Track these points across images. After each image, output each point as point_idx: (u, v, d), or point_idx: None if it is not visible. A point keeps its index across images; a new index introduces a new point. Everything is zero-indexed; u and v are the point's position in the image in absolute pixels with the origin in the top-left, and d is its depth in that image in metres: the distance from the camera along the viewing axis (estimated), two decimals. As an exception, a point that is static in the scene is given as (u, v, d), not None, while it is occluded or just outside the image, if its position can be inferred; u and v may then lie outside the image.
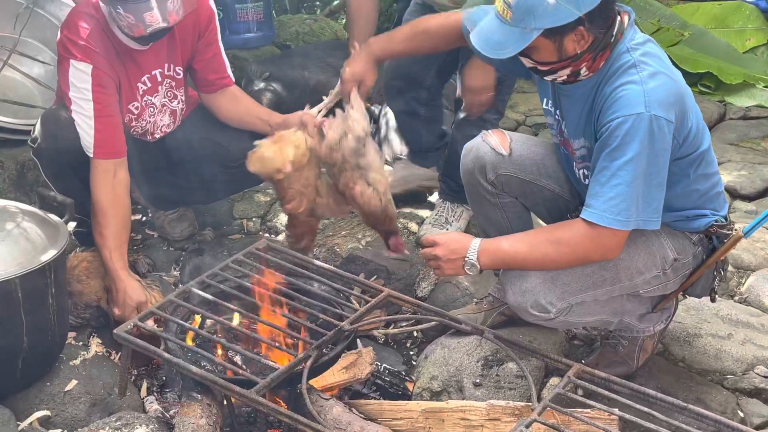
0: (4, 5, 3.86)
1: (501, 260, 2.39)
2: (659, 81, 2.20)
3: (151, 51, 2.95)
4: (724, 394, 2.66)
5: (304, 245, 2.91)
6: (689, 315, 2.96)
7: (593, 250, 2.27)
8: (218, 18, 3.14)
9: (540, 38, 2.17)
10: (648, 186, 2.20)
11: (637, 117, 2.15)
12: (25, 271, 2.39)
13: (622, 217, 2.20)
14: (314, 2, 7.91)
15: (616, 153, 2.19)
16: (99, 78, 2.83)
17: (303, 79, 5.11)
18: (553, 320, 2.39)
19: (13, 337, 2.44)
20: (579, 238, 2.26)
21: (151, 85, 3.01)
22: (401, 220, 3.68)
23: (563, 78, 2.31)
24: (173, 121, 3.18)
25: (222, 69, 3.18)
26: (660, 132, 2.16)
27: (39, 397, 2.54)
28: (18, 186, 3.65)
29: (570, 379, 2.34)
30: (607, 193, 2.20)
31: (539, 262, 2.34)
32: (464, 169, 2.67)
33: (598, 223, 2.22)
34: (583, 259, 2.31)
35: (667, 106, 2.18)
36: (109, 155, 2.87)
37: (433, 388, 2.67)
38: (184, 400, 2.44)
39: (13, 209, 2.63)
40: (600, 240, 2.24)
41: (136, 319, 2.49)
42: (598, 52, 2.25)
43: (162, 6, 2.66)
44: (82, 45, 2.81)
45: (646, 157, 2.17)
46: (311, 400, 2.28)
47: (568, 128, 2.43)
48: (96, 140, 2.84)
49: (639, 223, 2.23)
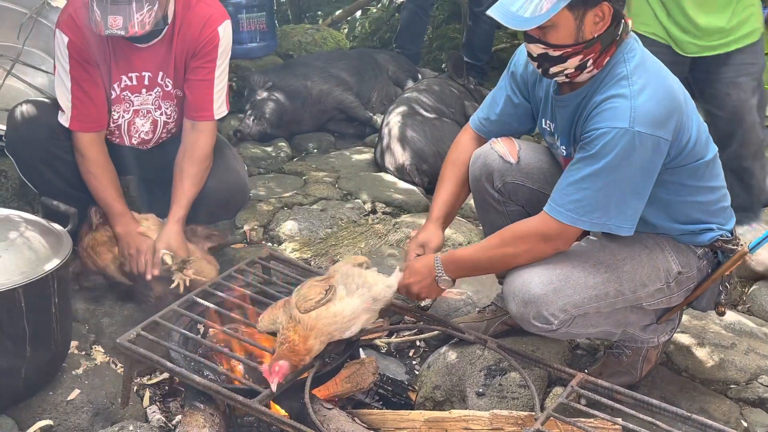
0: (8, 15, 3.88)
1: (465, 267, 2.47)
2: (650, 96, 2.20)
3: (147, 52, 2.95)
4: (727, 403, 2.66)
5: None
6: (693, 324, 2.96)
7: (542, 241, 2.34)
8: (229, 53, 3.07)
9: (564, 11, 2.18)
10: (622, 194, 2.23)
11: (620, 131, 2.17)
12: (29, 281, 2.39)
13: (585, 218, 2.26)
14: (316, 12, 7.95)
15: (591, 160, 2.22)
16: (76, 50, 2.87)
17: (305, 89, 5.14)
18: (555, 331, 2.39)
19: (16, 347, 2.44)
20: (533, 229, 2.35)
21: (136, 84, 3.00)
22: (403, 229, 3.69)
23: (569, 71, 2.30)
24: (153, 129, 3.13)
25: (203, 99, 3.02)
26: (642, 147, 2.18)
27: (42, 406, 2.54)
28: (21, 195, 3.66)
29: (573, 388, 2.34)
30: (572, 194, 2.26)
31: (500, 261, 2.43)
32: (472, 176, 2.67)
33: (555, 218, 2.29)
34: (537, 252, 2.36)
35: (658, 123, 2.19)
36: (86, 128, 2.93)
37: (436, 398, 2.67)
38: (187, 409, 2.44)
39: (16, 218, 2.63)
40: (549, 230, 2.32)
41: (139, 328, 2.49)
42: (606, 45, 2.26)
43: (127, 15, 2.65)
44: (69, 16, 2.87)
45: (622, 168, 2.19)
46: (314, 410, 2.27)
47: (562, 138, 2.43)
48: (74, 111, 2.92)
49: (611, 227, 2.27)
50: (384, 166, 4.58)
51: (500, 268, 2.49)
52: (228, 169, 3.20)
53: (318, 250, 3.59)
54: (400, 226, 3.75)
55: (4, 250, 2.44)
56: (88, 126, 2.95)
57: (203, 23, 2.96)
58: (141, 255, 2.89)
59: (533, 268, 2.36)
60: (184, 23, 2.94)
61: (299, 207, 4.02)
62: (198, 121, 3.04)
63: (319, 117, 5.23)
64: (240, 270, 2.84)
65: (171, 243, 2.89)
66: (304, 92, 5.13)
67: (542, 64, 2.33)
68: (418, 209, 4.15)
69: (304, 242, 3.68)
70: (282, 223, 3.85)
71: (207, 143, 3.04)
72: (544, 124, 2.54)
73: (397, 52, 5.98)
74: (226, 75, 3.08)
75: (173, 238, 2.90)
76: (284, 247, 3.66)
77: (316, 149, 5.07)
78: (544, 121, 2.54)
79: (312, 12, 7.98)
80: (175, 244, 2.89)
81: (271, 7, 5.73)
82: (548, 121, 2.52)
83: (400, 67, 5.62)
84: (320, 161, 4.80)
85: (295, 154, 4.98)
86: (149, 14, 2.69)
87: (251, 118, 4.97)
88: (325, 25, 7.24)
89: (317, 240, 3.71)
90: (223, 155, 3.20)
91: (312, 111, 5.18)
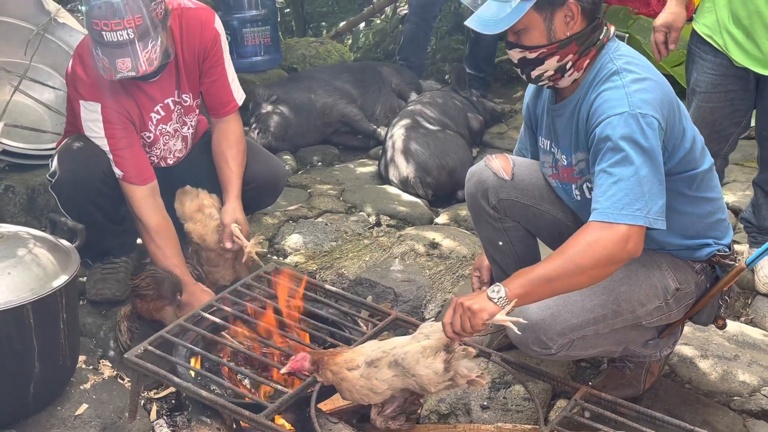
0: (15, 32, 3.92)
1: (527, 282, 2.15)
2: (643, 85, 2.22)
3: (161, 81, 3.01)
4: (731, 415, 2.66)
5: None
6: (696, 336, 2.97)
7: (615, 246, 2.12)
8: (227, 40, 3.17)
9: (531, 12, 2.23)
10: (652, 183, 2.16)
11: (622, 116, 2.17)
12: (37, 297, 2.42)
13: (627, 211, 2.13)
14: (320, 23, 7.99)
15: (609, 153, 2.18)
16: (108, 115, 2.92)
17: (310, 102, 5.17)
18: (554, 355, 2.38)
19: (25, 363, 2.46)
20: (597, 238, 2.13)
21: (164, 114, 3.07)
22: (408, 242, 3.70)
23: (550, 73, 2.33)
24: (185, 146, 3.23)
25: (224, 94, 3.18)
26: (650, 128, 2.16)
27: (50, 421, 2.56)
28: (28, 210, 3.69)
29: (577, 401, 2.35)
30: (607, 191, 2.16)
31: (570, 276, 2.14)
32: (467, 193, 2.70)
33: (607, 221, 2.13)
34: (610, 258, 2.13)
35: (655, 106, 2.19)
36: (135, 181, 2.98)
37: (441, 411, 2.69)
38: (194, 423, 2.46)
39: (24, 235, 2.66)
40: (617, 233, 2.12)
41: (146, 343, 2.51)
42: (584, 48, 2.30)
43: (135, 56, 2.70)
44: (89, 84, 2.90)
45: (641, 153, 2.15)
46: (320, 424, 2.29)
47: (564, 147, 2.45)
48: (120, 171, 2.97)
49: (650, 221, 2.14)
50: (388, 178, 4.60)
51: (571, 285, 2.19)
52: (266, 155, 3.41)
53: (323, 263, 3.61)
54: (404, 239, 3.76)
55: (12, 267, 2.46)
56: (137, 180, 2.99)
57: (200, 26, 3.04)
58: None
59: None
60: (184, 34, 3.01)
61: (304, 220, 4.04)
62: (226, 116, 3.20)
63: (324, 130, 5.26)
64: (246, 284, 2.86)
65: (237, 216, 3.04)
66: (308, 105, 5.16)
67: (524, 69, 2.38)
68: (423, 222, 4.17)
69: (310, 255, 3.70)
70: (287, 236, 3.87)
71: (237, 126, 3.22)
72: (541, 142, 2.57)
73: (401, 64, 6.01)
74: (231, 62, 3.21)
75: (238, 212, 3.05)
76: (289, 260, 3.68)
77: (321, 162, 5.09)
78: (541, 140, 2.57)
79: (316, 23, 8.03)
80: (241, 218, 3.05)
81: (275, 21, 5.75)
82: (544, 139, 2.54)
83: (404, 80, 5.65)
84: (325, 174, 4.82)
85: (299, 167, 5.01)
86: (154, 50, 2.73)
87: (256, 131, 5.00)
88: (329, 37, 7.28)
89: (322, 253, 3.73)
90: (256, 145, 3.42)
91: (316, 124, 5.21)
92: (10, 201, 3.67)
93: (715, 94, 3.22)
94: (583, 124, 2.31)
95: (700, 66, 3.23)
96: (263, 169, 3.29)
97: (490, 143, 5.31)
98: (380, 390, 2.22)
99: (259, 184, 3.26)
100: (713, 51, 3.18)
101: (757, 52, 3.07)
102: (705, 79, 3.23)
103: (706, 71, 3.22)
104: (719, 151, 3.34)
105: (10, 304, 2.37)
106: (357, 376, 2.22)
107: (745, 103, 3.24)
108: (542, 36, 2.28)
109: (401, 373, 2.19)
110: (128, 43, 2.67)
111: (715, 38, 3.15)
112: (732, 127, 3.29)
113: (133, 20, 2.65)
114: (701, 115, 3.26)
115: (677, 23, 3.17)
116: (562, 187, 2.52)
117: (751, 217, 3.48)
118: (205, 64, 3.09)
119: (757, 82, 3.19)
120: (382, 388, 2.21)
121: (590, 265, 2.13)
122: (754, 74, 3.15)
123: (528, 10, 2.22)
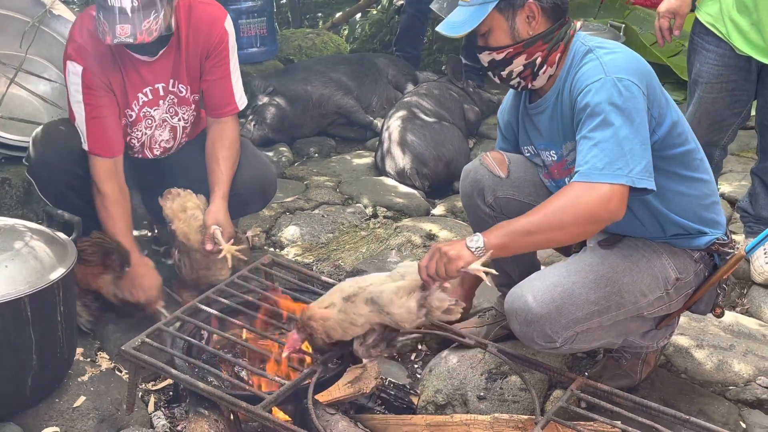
0: (10, 23, 3.90)
1: (505, 233, 2.19)
2: (617, 56, 2.28)
3: (156, 64, 2.99)
4: (726, 405, 2.68)
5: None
6: (692, 326, 2.98)
7: (596, 205, 2.14)
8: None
9: (494, 14, 2.34)
10: (629, 142, 2.16)
11: (598, 82, 2.22)
12: (34, 290, 2.42)
13: (608, 170, 2.14)
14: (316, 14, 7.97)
15: (588, 120, 2.22)
16: (89, 79, 2.90)
17: (306, 93, 5.17)
18: (559, 348, 2.37)
19: (22, 355, 2.47)
20: (579, 197, 2.15)
21: (152, 98, 3.04)
22: (404, 233, 3.71)
23: (519, 70, 2.39)
24: (173, 137, 3.19)
25: (224, 96, 3.13)
26: (627, 91, 2.19)
27: (48, 413, 2.56)
28: (25, 203, 3.69)
29: (573, 392, 2.36)
30: (587, 154, 2.18)
31: (548, 231, 2.18)
32: (463, 192, 2.70)
33: (588, 181, 2.15)
34: (590, 217, 2.16)
35: (631, 72, 2.23)
36: (101, 153, 2.95)
37: (438, 402, 2.70)
38: (192, 415, 2.46)
39: (21, 228, 2.65)
40: (599, 192, 2.14)
41: (143, 335, 2.52)
42: (552, 44, 2.35)
43: (136, 23, 2.69)
44: (78, 45, 2.89)
45: (620, 115, 2.17)
46: (317, 415, 2.30)
47: (551, 142, 2.46)
48: (89, 139, 2.95)
49: (633, 180, 2.15)
50: (385, 170, 4.61)
51: (548, 242, 2.28)
52: (259, 159, 3.36)
53: (320, 255, 3.62)
54: (401, 230, 3.77)
55: (9, 259, 2.46)
56: (103, 152, 2.97)
57: (210, 24, 3.02)
58: (143, 295, 2.96)
59: (535, 287, 2.34)
60: (191, 27, 2.99)
61: (301, 212, 4.05)
62: (223, 117, 3.16)
63: (320, 121, 5.26)
64: (243, 276, 2.87)
65: (219, 218, 2.99)
66: (305, 97, 5.16)
67: (494, 71, 2.45)
68: (419, 213, 4.17)
69: (306, 247, 3.71)
70: (284, 228, 3.87)
71: (233, 129, 3.18)
72: (526, 152, 2.61)
73: (397, 55, 6.01)
74: (237, 66, 3.18)
75: (221, 214, 3.00)
76: (286, 252, 3.69)
77: (317, 154, 5.10)
78: (525, 149, 2.61)
79: (312, 14, 8.01)
80: (223, 219, 3.00)
81: (271, 12, 5.74)
82: (527, 148, 2.58)
83: (400, 71, 5.65)
84: (321, 166, 4.82)
85: (296, 159, 5.01)
86: (155, 22, 2.73)
87: (252, 123, 5.00)
88: (325, 28, 7.27)
89: (319, 245, 3.74)
90: (251, 149, 3.37)
91: (313, 115, 5.21)
92: (7, 194, 3.67)
93: (716, 85, 3.23)
94: (569, 109, 2.34)
95: (703, 57, 3.24)
96: (253, 174, 3.23)
97: (486, 134, 5.32)
98: (359, 323, 2.33)
99: (248, 189, 3.21)
100: (716, 41, 3.19)
101: (760, 41, 3.09)
102: (707, 70, 3.24)
103: (709, 62, 3.23)
104: (718, 141, 3.35)
105: (7, 297, 2.37)
106: (335, 312, 2.33)
107: (746, 94, 3.25)
108: (506, 36, 2.37)
109: (377, 310, 2.30)
110: (130, 10, 2.67)
111: (717, 26, 3.16)
112: (732, 117, 3.30)
113: None
114: (703, 106, 3.28)
115: (682, 9, 3.19)
116: (555, 184, 2.53)
117: (748, 207, 3.49)
118: (208, 62, 3.06)
119: (758, 72, 3.20)
120: (360, 322, 2.33)
121: (571, 221, 2.16)
122: (756, 64, 3.16)
123: (490, 11, 2.33)
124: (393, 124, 4.67)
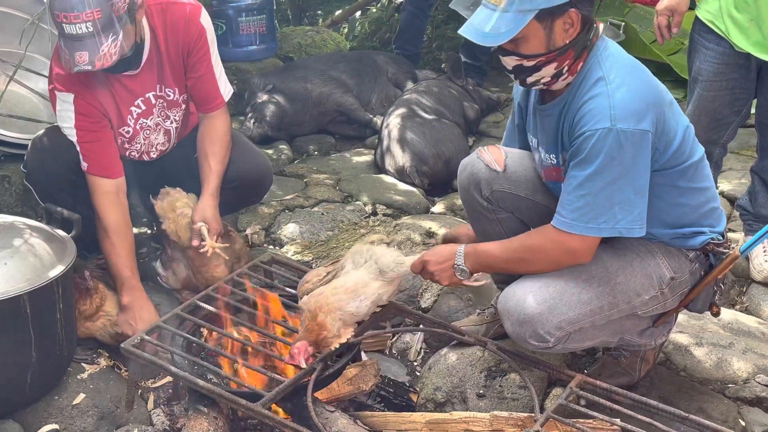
0: (10, 21, 3.90)
1: (484, 263, 2.46)
2: (626, 91, 2.23)
3: (142, 75, 2.97)
4: (725, 403, 2.68)
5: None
6: (691, 324, 2.98)
7: (563, 255, 2.32)
8: (221, 31, 3.12)
9: (533, 22, 2.22)
10: (622, 194, 2.22)
11: (603, 131, 2.19)
12: (34, 288, 2.42)
13: (592, 224, 2.25)
14: (316, 12, 7.97)
15: (583, 164, 2.23)
16: (80, 106, 2.88)
17: (305, 91, 5.16)
18: (552, 348, 2.39)
19: (22, 353, 2.47)
20: (550, 244, 2.33)
21: (145, 108, 3.03)
22: (404, 231, 3.71)
23: (546, 80, 2.34)
24: (168, 139, 3.19)
25: (210, 90, 3.11)
26: (629, 144, 2.19)
27: (48, 411, 2.57)
28: (24, 200, 3.68)
29: (572, 389, 2.37)
30: (574, 203, 2.25)
31: (517, 265, 2.43)
32: (460, 185, 2.70)
33: (566, 231, 2.28)
34: (555, 263, 2.36)
35: (638, 116, 2.20)
36: (99, 175, 2.93)
37: (437, 399, 2.70)
38: (191, 412, 2.47)
39: (20, 225, 2.66)
40: (569, 245, 2.30)
41: (143, 332, 2.52)
42: (579, 50, 2.29)
43: (93, 50, 2.63)
44: (64, 75, 2.85)
45: (617, 168, 2.20)
46: (316, 413, 2.30)
47: (551, 146, 2.45)
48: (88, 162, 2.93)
49: (622, 231, 2.26)
50: (384, 168, 4.60)
51: (518, 272, 2.46)
52: (254, 153, 3.36)
53: (319, 253, 3.62)
54: (400, 228, 3.77)
55: (9, 257, 2.46)
56: (102, 173, 2.95)
57: (186, 21, 2.98)
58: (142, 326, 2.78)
59: (527, 287, 2.36)
60: (168, 29, 2.95)
61: (300, 209, 4.05)
62: (212, 111, 3.14)
63: (320, 119, 5.25)
64: (242, 273, 2.87)
65: (206, 215, 2.97)
66: (304, 94, 5.15)
67: (518, 76, 2.37)
68: (419, 211, 4.17)
69: (306, 245, 3.70)
70: (283, 225, 3.87)
71: (223, 123, 3.16)
72: (530, 139, 2.59)
73: (397, 53, 6.00)
74: (218, 58, 3.15)
75: (208, 211, 2.98)
76: (286, 249, 3.69)
77: (317, 151, 5.09)
78: (530, 137, 2.59)
79: (312, 12, 8.01)
80: (210, 216, 2.97)
81: (270, 10, 5.74)
82: (532, 137, 2.56)
83: (400, 69, 5.64)
84: (321, 163, 4.82)
85: (295, 157, 5.00)
86: (114, 45, 2.66)
87: (252, 120, 5.00)
88: (325, 25, 7.27)
89: (318, 242, 3.73)
90: (245, 142, 3.36)
91: (312, 113, 5.20)
92: (6, 191, 3.66)
93: (716, 83, 3.22)
94: (569, 129, 2.32)
95: (703, 55, 3.24)
96: (249, 166, 3.24)
97: (486, 132, 5.31)
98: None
99: (243, 182, 3.21)
100: (716, 39, 3.18)
101: (760, 37, 3.08)
102: (707, 68, 3.24)
103: (708, 60, 3.23)
104: (718, 139, 3.35)
105: (7, 295, 2.38)
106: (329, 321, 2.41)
107: (746, 92, 3.25)
108: (541, 44, 2.27)
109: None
110: (87, 36, 2.61)
111: (717, 23, 3.16)
112: (732, 116, 3.30)
113: (92, 13, 2.59)
114: (702, 104, 3.27)
115: (681, 7, 3.19)
116: (552, 185, 2.53)
117: (748, 205, 3.49)
118: (189, 60, 3.03)
119: (758, 70, 3.20)
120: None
121: (537, 268, 2.39)
122: (756, 62, 3.16)
123: (530, 20, 2.21)
124: (392, 122, 4.67)
